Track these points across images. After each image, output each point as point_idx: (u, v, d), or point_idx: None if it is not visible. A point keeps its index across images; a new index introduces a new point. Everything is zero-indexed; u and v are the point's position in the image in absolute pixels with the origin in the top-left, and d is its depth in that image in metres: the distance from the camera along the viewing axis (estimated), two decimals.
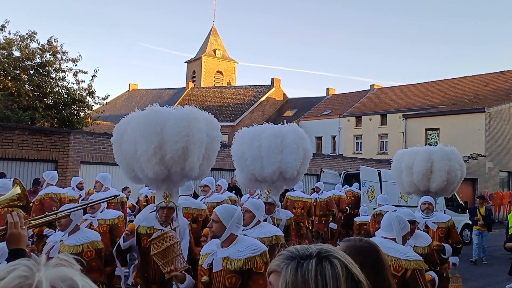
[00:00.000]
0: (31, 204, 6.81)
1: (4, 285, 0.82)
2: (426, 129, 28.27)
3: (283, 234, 4.39)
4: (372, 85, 37.46)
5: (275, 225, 4.94)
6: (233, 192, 13.78)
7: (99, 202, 4.55)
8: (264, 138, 5.29)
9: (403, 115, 29.76)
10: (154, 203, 7.82)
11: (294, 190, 9.55)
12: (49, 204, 6.76)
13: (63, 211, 3.59)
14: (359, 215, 12.54)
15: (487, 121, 25.86)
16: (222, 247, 3.22)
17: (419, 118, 28.79)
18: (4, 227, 2.27)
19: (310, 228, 9.48)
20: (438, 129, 27.67)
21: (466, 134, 25.51)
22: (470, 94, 30.51)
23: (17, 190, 2.56)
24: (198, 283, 3.28)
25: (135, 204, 8.60)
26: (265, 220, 4.77)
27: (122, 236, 4.23)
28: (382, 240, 3.33)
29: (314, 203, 10.52)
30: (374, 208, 9.83)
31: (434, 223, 5.70)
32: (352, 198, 12.51)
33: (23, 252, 2.18)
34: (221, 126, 4.73)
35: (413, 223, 4.23)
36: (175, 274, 3.35)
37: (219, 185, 8.38)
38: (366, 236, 8.40)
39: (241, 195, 14.11)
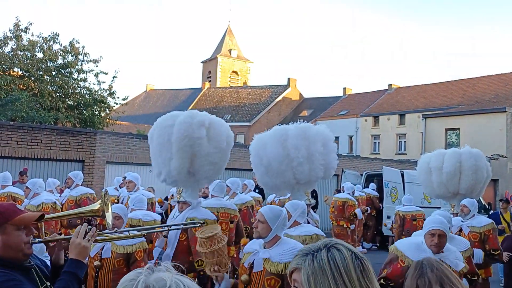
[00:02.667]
0: (62, 204, 6.96)
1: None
2: (446, 129, 27.92)
3: (324, 234, 4.40)
4: (390, 85, 37.14)
5: None
6: (257, 191, 13.84)
7: (178, 227, 4.88)
8: (270, 150, 5.32)
9: (422, 115, 29.43)
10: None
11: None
12: (87, 204, 6.94)
13: (135, 228, 3.76)
14: (374, 216, 12.52)
15: (508, 121, 25.45)
16: (264, 247, 3.23)
17: (439, 118, 28.45)
18: (70, 236, 2.28)
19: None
20: (458, 129, 27.32)
21: (486, 134, 25.14)
22: (490, 93, 30.06)
23: (96, 206, 2.53)
24: (239, 280, 3.32)
25: (163, 200, 8.85)
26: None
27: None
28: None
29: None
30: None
31: (468, 227, 5.53)
32: (366, 199, 12.47)
33: (80, 264, 2.14)
34: (238, 126, 4.92)
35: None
36: (217, 275, 3.38)
37: (245, 184, 8.53)
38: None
39: (264, 194, 14.15)
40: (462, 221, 5.64)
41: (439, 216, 4.30)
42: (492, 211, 15.24)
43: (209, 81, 48.88)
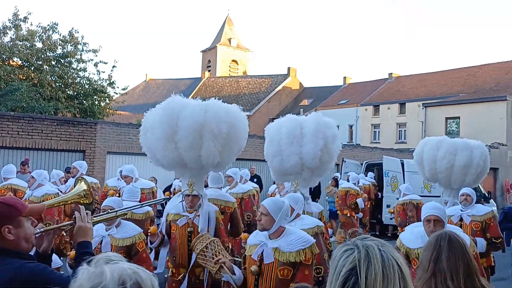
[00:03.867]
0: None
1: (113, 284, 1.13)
2: (446, 118, 27.92)
3: (322, 224, 4.47)
4: (390, 74, 37.05)
5: None
6: (255, 180, 13.91)
7: (154, 202, 4.91)
8: (284, 131, 5.21)
9: (422, 103, 29.39)
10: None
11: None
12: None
13: (122, 209, 3.77)
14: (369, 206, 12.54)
15: (508, 110, 25.44)
16: (270, 239, 3.29)
17: (439, 106, 28.42)
18: (71, 221, 2.41)
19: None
20: (458, 118, 27.31)
21: (487, 123, 25.14)
22: (490, 82, 30.00)
23: (83, 186, 2.65)
24: (248, 272, 3.36)
25: (171, 193, 8.81)
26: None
27: (149, 238, 4.51)
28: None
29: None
30: (397, 198, 9.80)
31: (468, 216, 5.50)
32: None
33: (90, 244, 2.30)
34: None
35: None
36: (223, 271, 3.43)
37: (241, 175, 8.49)
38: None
39: (261, 184, 14.22)
40: (461, 210, 5.65)
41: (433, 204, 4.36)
42: (491, 200, 15.34)
43: (209, 71, 48.72)
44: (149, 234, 4.42)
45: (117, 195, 7.76)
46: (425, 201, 9.46)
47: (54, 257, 3.22)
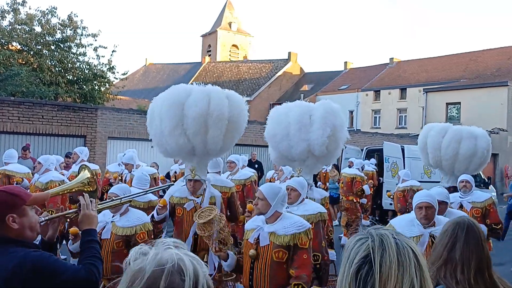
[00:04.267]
0: (69, 179, 7.01)
1: (152, 261, 1.08)
2: (447, 104, 27.85)
3: (326, 211, 4.49)
4: (391, 59, 36.83)
5: None
6: (256, 166, 13.96)
7: (158, 188, 4.96)
8: (292, 116, 5.17)
9: (423, 89, 29.30)
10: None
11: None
12: None
13: (126, 196, 3.75)
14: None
15: (510, 95, 25.37)
16: (267, 223, 3.35)
17: (440, 92, 28.34)
18: (76, 209, 2.40)
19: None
20: (459, 103, 27.25)
21: (488, 109, 25.10)
22: (492, 67, 29.84)
23: (87, 174, 2.65)
24: (245, 256, 3.43)
25: (166, 178, 8.80)
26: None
27: (155, 210, 4.55)
28: None
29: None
30: (396, 184, 9.82)
31: (469, 203, 5.54)
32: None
33: (95, 232, 2.32)
34: None
35: (442, 203, 4.21)
36: (220, 254, 3.48)
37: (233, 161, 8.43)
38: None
39: (262, 170, 14.28)
40: (460, 197, 5.68)
41: (437, 190, 4.42)
42: (491, 185, 15.40)
43: (209, 55, 48.41)
44: (159, 206, 4.46)
45: (120, 178, 7.81)
46: (425, 186, 9.54)
47: None
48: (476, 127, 6.79)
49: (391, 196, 9.91)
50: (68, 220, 2.47)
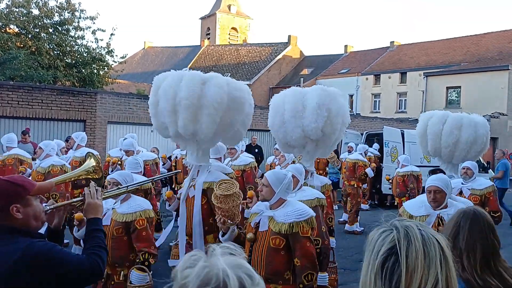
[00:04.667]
0: (70, 164, 7.03)
1: (196, 279, 0.99)
2: (447, 88, 27.75)
3: (323, 196, 4.49)
4: (392, 42, 36.57)
5: None
6: (256, 150, 13.98)
7: (164, 176, 4.99)
8: (287, 103, 5.11)
9: (423, 73, 29.16)
10: (182, 163, 8.08)
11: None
12: None
13: (133, 184, 3.74)
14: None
15: (510, 79, 25.26)
16: (270, 209, 3.37)
17: (440, 76, 28.20)
18: (82, 198, 2.40)
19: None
20: (459, 87, 27.14)
21: (488, 92, 25.02)
22: (493, 51, 29.66)
23: (92, 162, 2.65)
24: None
25: (168, 160, 8.83)
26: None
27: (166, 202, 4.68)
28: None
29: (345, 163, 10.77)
30: (395, 169, 9.83)
31: (468, 189, 5.56)
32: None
33: (100, 220, 2.32)
34: None
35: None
36: (223, 227, 3.51)
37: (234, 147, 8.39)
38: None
39: (262, 155, 14.32)
40: (462, 184, 5.70)
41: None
42: (490, 170, 15.45)
43: (208, 38, 48.00)
44: (164, 199, 4.54)
45: (119, 163, 7.82)
46: (424, 171, 9.56)
47: None
48: (476, 114, 6.72)
49: (390, 180, 9.95)
50: (74, 208, 2.45)
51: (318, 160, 12.70)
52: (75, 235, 3.89)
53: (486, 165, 15.26)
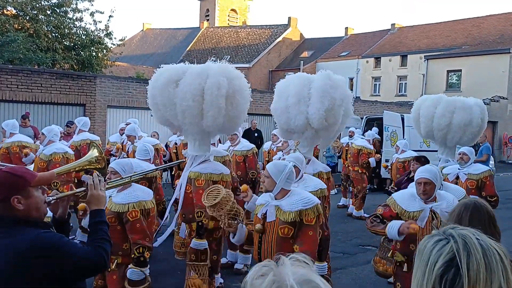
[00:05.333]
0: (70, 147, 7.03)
1: None
2: (448, 71, 27.61)
3: (325, 186, 4.50)
4: (393, 24, 36.23)
5: None
6: (256, 135, 13.98)
7: (169, 165, 5.03)
8: (292, 88, 5.05)
9: (424, 56, 28.98)
10: (183, 149, 8.09)
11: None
12: (86, 151, 7.01)
13: (137, 173, 3.72)
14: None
15: (511, 63, 25.13)
16: (275, 199, 3.39)
17: (441, 59, 28.03)
18: (84, 188, 2.39)
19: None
20: (460, 70, 27.01)
21: (489, 76, 24.91)
22: (495, 33, 29.43)
23: (95, 153, 2.64)
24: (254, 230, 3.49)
25: (166, 150, 8.79)
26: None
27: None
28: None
29: (346, 148, 10.73)
30: (394, 154, 9.77)
31: (465, 174, 5.58)
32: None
33: (103, 212, 2.31)
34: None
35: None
36: (230, 230, 3.51)
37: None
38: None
39: (262, 139, 14.31)
40: (459, 169, 5.72)
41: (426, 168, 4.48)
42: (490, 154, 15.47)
43: (207, 20, 47.46)
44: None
45: (121, 149, 7.82)
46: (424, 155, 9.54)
47: None
48: (473, 98, 6.70)
49: (388, 168, 9.94)
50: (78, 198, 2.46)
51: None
52: (82, 225, 3.93)
53: None
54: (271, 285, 0.96)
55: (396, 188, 5.65)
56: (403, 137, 12.52)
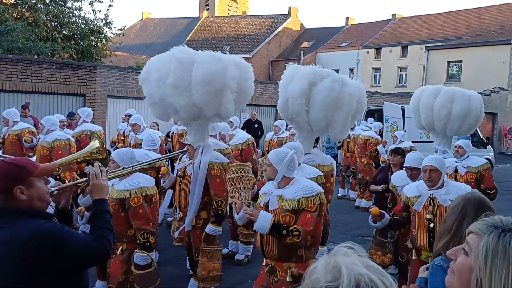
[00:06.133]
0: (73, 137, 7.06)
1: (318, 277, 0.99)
2: (449, 62, 27.52)
3: (322, 174, 4.54)
4: (394, 15, 36.03)
5: None
6: (255, 126, 13.98)
7: (173, 155, 5.08)
8: (296, 80, 4.99)
9: (425, 47, 28.86)
10: (179, 140, 8.10)
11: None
12: (86, 142, 7.06)
13: (139, 163, 3.74)
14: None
15: None
16: (279, 188, 3.41)
17: (442, 50, 27.92)
18: (86, 178, 2.39)
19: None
20: (461, 61, 26.92)
21: (489, 67, 24.83)
22: (496, 24, 29.30)
23: (96, 143, 2.65)
24: None
25: (166, 136, 8.83)
26: None
27: (161, 179, 4.77)
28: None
29: (348, 139, 10.69)
30: (392, 144, 9.79)
31: (464, 167, 5.59)
32: None
33: (106, 202, 2.33)
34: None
35: (414, 169, 4.49)
36: (235, 201, 3.59)
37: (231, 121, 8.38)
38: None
39: (262, 130, 14.31)
40: (456, 162, 5.73)
41: (410, 155, 4.69)
42: (489, 145, 15.49)
43: (207, 9, 47.15)
44: (160, 174, 4.68)
45: (122, 138, 7.82)
46: (424, 146, 9.57)
47: None
48: (471, 90, 6.70)
49: (384, 161, 9.96)
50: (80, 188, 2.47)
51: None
52: (79, 203, 4.00)
53: (485, 140, 15.29)
54: (349, 279, 0.95)
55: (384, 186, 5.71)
56: (403, 128, 12.52)
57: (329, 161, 5.13)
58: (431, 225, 3.61)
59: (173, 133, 8.61)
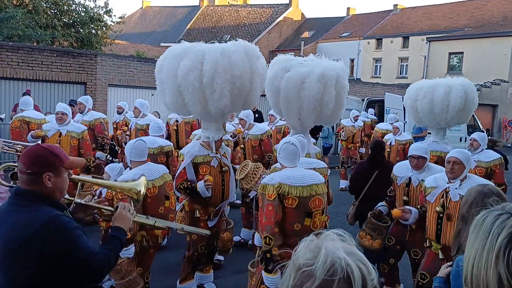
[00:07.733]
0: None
1: (323, 269, 1.00)
2: (450, 53, 27.43)
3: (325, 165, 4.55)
4: (395, 5, 35.84)
5: None
6: (256, 116, 13.95)
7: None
8: (288, 81, 4.80)
9: (426, 38, 28.75)
10: (186, 128, 8.05)
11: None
12: (101, 129, 7.25)
13: (161, 221, 3.34)
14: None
15: None
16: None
17: (443, 41, 27.82)
18: (114, 209, 2.43)
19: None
20: (462, 53, 26.84)
21: (490, 59, 24.77)
22: (498, 16, 29.16)
23: (142, 187, 2.62)
24: None
25: (167, 124, 8.81)
26: None
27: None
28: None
29: (352, 131, 10.74)
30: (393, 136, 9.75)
31: (475, 161, 5.40)
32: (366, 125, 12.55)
33: (124, 232, 2.32)
34: None
35: (420, 158, 4.35)
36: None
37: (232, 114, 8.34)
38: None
39: (262, 120, 14.28)
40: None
41: (415, 145, 4.65)
42: (490, 137, 15.53)
43: None
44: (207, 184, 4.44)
45: (125, 128, 7.78)
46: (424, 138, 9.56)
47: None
48: (462, 78, 6.45)
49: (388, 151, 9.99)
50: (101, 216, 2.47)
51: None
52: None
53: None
54: (325, 260, 1.00)
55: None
56: (404, 119, 12.53)
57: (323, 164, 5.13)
58: (440, 215, 3.61)
59: (177, 121, 8.53)
